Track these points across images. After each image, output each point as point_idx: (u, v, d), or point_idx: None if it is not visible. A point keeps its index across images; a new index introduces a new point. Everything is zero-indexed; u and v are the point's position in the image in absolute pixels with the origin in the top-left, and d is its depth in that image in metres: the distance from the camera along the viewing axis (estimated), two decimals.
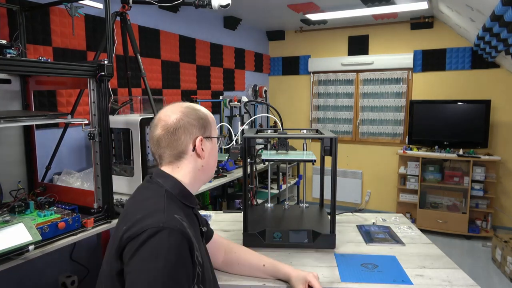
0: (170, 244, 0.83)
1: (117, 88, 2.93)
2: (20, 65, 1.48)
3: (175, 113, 1.03)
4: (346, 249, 1.53)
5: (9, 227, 1.40)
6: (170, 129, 1.01)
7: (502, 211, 4.35)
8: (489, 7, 2.54)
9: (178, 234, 0.85)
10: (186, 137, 1.02)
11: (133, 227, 0.85)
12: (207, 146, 1.07)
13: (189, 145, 1.03)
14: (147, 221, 0.86)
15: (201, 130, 1.05)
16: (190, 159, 1.05)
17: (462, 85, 4.47)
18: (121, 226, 0.91)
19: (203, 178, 1.11)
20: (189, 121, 1.03)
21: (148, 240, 0.82)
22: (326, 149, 1.46)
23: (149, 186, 1.03)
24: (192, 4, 2.23)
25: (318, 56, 5.27)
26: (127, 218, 0.91)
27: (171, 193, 0.99)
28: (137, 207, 0.95)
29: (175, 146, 1.02)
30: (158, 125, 1.03)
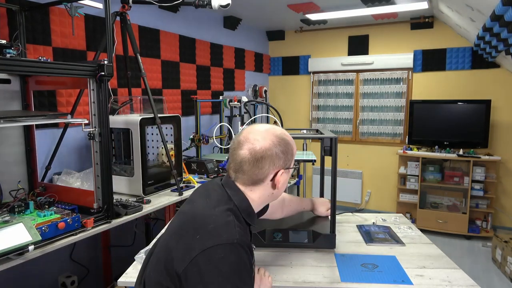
0: (244, 260, 0.89)
1: (117, 88, 2.92)
2: (20, 65, 1.48)
3: (266, 139, 1.02)
4: (346, 249, 1.53)
5: (9, 227, 1.40)
6: (257, 156, 1.01)
7: (502, 211, 4.35)
8: (489, 7, 2.54)
9: (247, 249, 0.92)
10: (270, 167, 1.03)
11: (209, 237, 0.89)
12: (284, 176, 1.08)
13: (270, 175, 1.04)
14: (222, 235, 0.89)
15: (285, 162, 1.06)
16: (265, 187, 1.06)
17: (462, 85, 4.47)
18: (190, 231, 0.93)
19: (269, 201, 1.15)
20: (277, 153, 1.03)
21: (227, 254, 0.87)
22: (326, 149, 1.46)
23: (218, 194, 1.04)
24: (192, 4, 2.23)
25: (318, 56, 5.27)
26: (198, 225, 0.93)
27: (238, 208, 1.01)
28: (207, 216, 0.95)
29: (256, 173, 1.02)
30: (245, 146, 1.02)
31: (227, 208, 0.98)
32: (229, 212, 0.97)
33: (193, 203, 1.06)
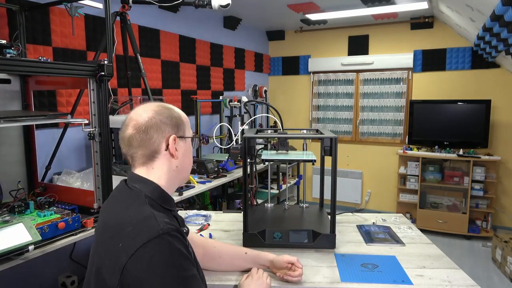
0: (176, 247, 0.83)
1: (117, 88, 2.93)
2: (20, 65, 1.48)
3: (146, 111, 0.99)
4: (346, 249, 1.53)
5: (9, 227, 1.40)
6: (142, 128, 0.97)
7: (502, 211, 4.35)
8: (489, 7, 2.54)
9: (177, 234, 0.85)
10: (159, 135, 0.98)
11: (131, 241, 0.82)
12: (180, 145, 1.03)
13: (162, 144, 0.99)
14: (143, 233, 0.82)
15: (174, 129, 1.01)
16: (164, 159, 1.00)
17: (462, 85, 4.47)
18: (110, 242, 0.86)
19: (179, 179, 1.07)
20: (161, 119, 0.99)
21: (156, 250, 0.81)
22: (326, 149, 1.46)
23: (126, 193, 0.98)
24: (192, 4, 2.23)
25: (318, 56, 5.27)
26: (116, 233, 0.86)
27: (151, 198, 0.95)
28: (121, 219, 0.89)
29: (147, 145, 0.97)
30: (129, 124, 0.98)
31: (139, 203, 0.92)
32: (144, 206, 0.91)
33: (104, 215, 1.00)
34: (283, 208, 1.89)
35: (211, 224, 1.82)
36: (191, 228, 1.74)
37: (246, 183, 1.55)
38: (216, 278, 1.29)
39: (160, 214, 0.89)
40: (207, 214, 1.97)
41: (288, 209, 1.87)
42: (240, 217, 1.84)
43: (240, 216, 1.90)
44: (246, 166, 1.56)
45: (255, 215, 1.77)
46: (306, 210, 1.86)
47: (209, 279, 1.29)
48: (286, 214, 1.81)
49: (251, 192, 1.96)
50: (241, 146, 1.53)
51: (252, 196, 1.98)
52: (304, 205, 1.90)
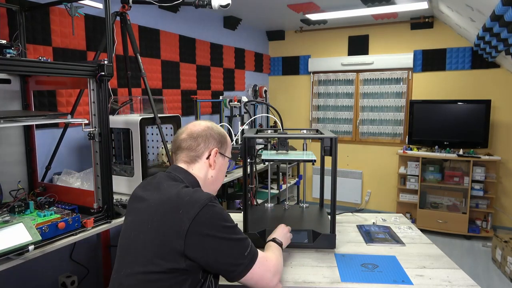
0: (222, 208, 1.05)
1: (117, 88, 2.93)
2: (20, 65, 1.48)
3: (201, 125, 1.21)
4: (346, 249, 1.53)
5: (9, 227, 1.40)
6: (193, 135, 1.18)
7: (502, 211, 4.35)
8: (489, 7, 2.54)
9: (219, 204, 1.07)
10: (205, 145, 1.19)
11: (191, 207, 0.99)
12: (219, 160, 1.23)
13: (205, 153, 1.19)
14: (200, 199, 1.01)
15: (219, 144, 1.22)
16: (203, 165, 1.19)
17: (462, 85, 4.47)
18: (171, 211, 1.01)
19: (211, 189, 1.22)
20: (211, 133, 1.20)
21: (212, 211, 1.00)
22: (326, 149, 1.47)
23: (170, 181, 1.12)
24: (192, 4, 2.23)
25: (318, 56, 5.27)
26: (175, 203, 1.02)
27: (190, 188, 1.11)
28: (178, 193, 1.05)
29: (193, 149, 1.18)
30: (185, 132, 1.20)
31: (184, 185, 1.10)
32: (188, 187, 1.10)
33: (151, 195, 1.11)
34: (283, 208, 1.89)
35: None
36: None
37: (246, 183, 1.55)
38: None
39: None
40: None
41: (288, 209, 1.87)
42: (240, 217, 1.84)
43: (240, 216, 1.90)
44: (246, 166, 1.56)
45: (255, 215, 1.77)
46: (306, 210, 1.86)
47: None
48: (286, 214, 1.81)
49: (251, 192, 1.96)
50: (241, 146, 1.53)
51: (252, 196, 1.98)
52: (304, 205, 1.90)
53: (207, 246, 0.99)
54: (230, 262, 1.02)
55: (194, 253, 0.98)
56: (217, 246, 1.00)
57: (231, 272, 1.03)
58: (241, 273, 1.04)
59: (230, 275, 1.04)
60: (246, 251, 1.05)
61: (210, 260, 1.00)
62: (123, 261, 1.08)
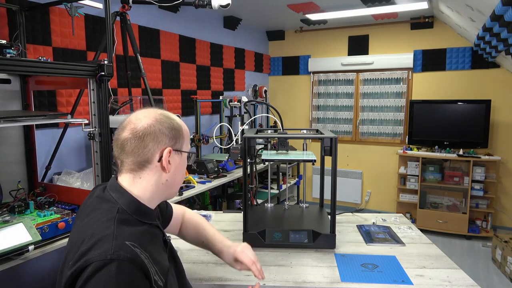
0: (119, 279, 0.74)
1: (117, 88, 2.92)
2: (20, 65, 1.48)
3: (147, 118, 0.94)
4: (346, 249, 1.53)
5: (9, 227, 1.40)
6: (139, 134, 0.92)
7: (502, 211, 4.35)
8: (489, 7, 2.54)
9: (129, 264, 0.77)
10: (154, 145, 0.93)
11: (78, 260, 0.77)
12: (175, 159, 0.97)
13: (156, 154, 0.93)
14: (93, 252, 0.77)
15: (172, 141, 0.96)
16: (154, 171, 0.94)
17: (462, 85, 4.47)
18: (68, 257, 0.83)
19: (166, 194, 1.00)
20: (160, 129, 0.94)
21: (94, 276, 0.74)
22: (326, 149, 1.47)
23: (99, 204, 0.92)
24: (192, 4, 2.23)
25: (318, 56, 5.27)
26: (73, 249, 0.82)
27: (126, 211, 0.89)
28: (83, 233, 0.84)
29: (140, 153, 0.92)
30: (127, 127, 0.93)
31: (109, 218, 0.86)
32: (111, 221, 0.85)
33: (73, 228, 0.96)
34: (283, 208, 1.89)
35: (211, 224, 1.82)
36: None
37: (246, 183, 1.55)
38: (216, 278, 1.29)
39: (126, 234, 0.83)
40: (207, 214, 1.97)
41: (288, 209, 1.87)
42: (240, 217, 1.84)
43: (240, 216, 1.90)
44: (246, 166, 1.56)
45: (255, 215, 1.77)
46: (306, 210, 1.86)
47: (208, 278, 1.29)
48: (286, 214, 1.81)
49: (251, 192, 1.96)
50: (241, 146, 1.53)
51: (252, 196, 1.98)
52: (304, 205, 1.90)
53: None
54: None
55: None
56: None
57: None
58: None
59: None
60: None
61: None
62: None
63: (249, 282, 1.27)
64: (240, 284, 1.26)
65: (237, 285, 1.26)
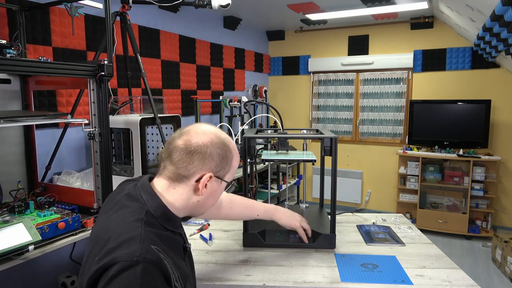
0: (143, 281, 0.74)
1: (117, 88, 2.92)
2: (20, 65, 1.48)
3: (205, 135, 0.94)
4: (346, 249, 1.53)
5: (9, 227, 1.40)
6: (190, 148, 0.92)
7: (502, 211, 4.35)
8: (489, 7, 2.54)
9: (154, 268, 0.78)
10: (199, 165, 0.93)
11: (105, 257, 0.77)
12: (213, 185, 0.97)
13: (197, 175, 0.93)
14: (120, 251, 0.77)
15: (217, 168, 0.95)
16: (189, 188, 0.94)
17: (462, 85, 4.47)
18: (93, 251, 0.83)
19: (193, 212, 1.00)
20: (211, 152, 0.93)
21: (119, 275, 0.74)
22: (326, 149, 1.46)
23: (128, 202, 0.92)
24: (192, 4, 2.23)
25: (318, 56, 5.27)
26: (100, 244, 0.83)
27: (152, 214, 0.89)
28: (110, 230, 0.85)
29: (183, 167, 0.92)
30: (183, 136, 0.94)
31: (137, 219, 0.86)
32: (139, 223, 0.85)
33: (99, 222, 0.95)
34: None
35: (211, 224, 1.82)
36: (192, 228, 1.74)
37: (246, 183, 1.55)
38: (216, 278, 1.29)
39: (152, 238, 0.84)
40: None
41: None
42: None
43: None
44: (246, 166, 1.56)
45: None
46: (306, 210, 1.86)
47: (208, 278, 1.29)
48: None
49: (251, 192, 1.96)
50: (241, 146, 1.53)
51: (252, 196, 1.98)
52: (304, 205, 1.90)
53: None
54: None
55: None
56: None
57: None
58: None
59: None
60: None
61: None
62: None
63: (249, 282, 1.27)
64: (240, 284, 1.26)
65: (237, 285, 1.26)
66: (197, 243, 1.59)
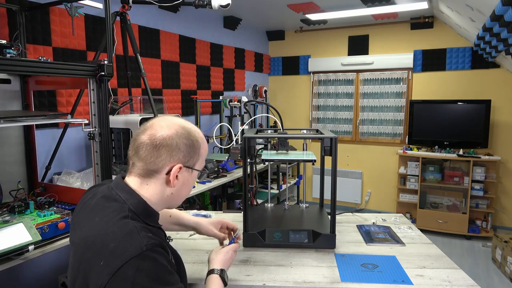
0: (159, 263, 0.82)
1: (117, 88, 2.93)
2: (20, 65, 1.48)
3: (169, 128, 0.95)
4: (346, 249, 1.53)
5: (9, 227, 1.40)
6: (156, 142, 0.92)
7: (502, 211, 4.35)
8: (489, 7, 2.54)
9: (160, 249, 0.84)
10: (167, 158, 0.93)
11: (113, 259, 0.79)
12: (184, 175, 0.98)
13: (166, 167, 0.94)
14: (126, 248, 0.80)
15: (186, 158, 0.96)
16: (160, 181, 0.95)
17: (462, 85, 4.47)
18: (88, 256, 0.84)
19: (169, 204, 1.02)
20: (178, 143, 0.94)
21: (139, 269, 0.79)
22: (326, 149, 1.46)
23: (107, 203, 0.93)
24: (192, 4, 2.23)
25: (318, 56, 5.27)
26: (94, 248, 0.84)
27: (134, 211, 0.91)
28: (101, 232, 0.86)
29: (151, 161, 0.93)
30: (147, 131, 0.95)
31: (122, 216, 0.88)
32: (126, 219, 0.87)
33: (81, 229, 0.93)
34: (283, 208, 1.89)
35: None
36: None
37: (246, 183, 1.55)
38: None
39: (143, 228, 0.87)
40: (207, 214, 1.97)
41: (288, 209, 1.87)
42: (240, 217, 1.84)
43: (240, 216, 1.90)
44: (246, 166, 1.56)
45: (255, 215, 1.77)
46: (306, 210, 1.86)
47: None
48: (286, 214, 1.81)
49: (251, 192, 1.96)
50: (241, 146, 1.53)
51: (252, 196, 1.98)
52: (304, 205, 1.90)
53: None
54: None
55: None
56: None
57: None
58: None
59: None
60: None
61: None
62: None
63: (249, 282, 1.27)
64: (240, 284, 1.26)
65: (237, 285, 1.26)
66: (197, 243, 1.59)
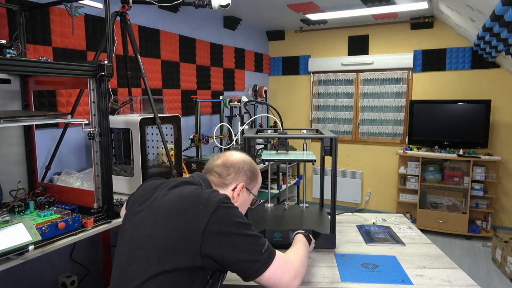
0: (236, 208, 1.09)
1: (117, 88, 2.92)
2: (20, 65, 1.48)
3: (239, 156, 1.26)
4: (346, 249, 1.53)
5: (9, 227, 1.39)
6: (227, 164, 1.24)
7: (502, 211, 4.35)
8: (489, 7, 2.54)
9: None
10: (235, 176, 1.23)
11: (210, 203, 1.03)
12: (244, 195, 1.25)
13: (233, 184, 1.23)
14: (218, 197, 1.06)
15: (248, 180, 1.25)
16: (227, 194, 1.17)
17: (462, 85, 4.47)
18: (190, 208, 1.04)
19: None
20: (244, 167, 1.25)
21: (228, 205, 1.05)
22: (326, 149, 1.47)
23: (184, 184, 1.16)
24: (192, 4, 2.22)
25: (318, 56, 5.27)
26: (195, 200, 1.05)
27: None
28: (198, 192, 1.09)
29: (223, 176, 1.23)
30: (221, 159, 1.26)
31: (202, 189, 1.13)
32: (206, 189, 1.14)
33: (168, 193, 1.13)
34: (283, 208, 1.89)
35: None
36: None
37: None
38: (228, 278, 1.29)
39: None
40: None
41: (288, 209, 1.87)
42: None
43: None
44: None
45: (255, 215, 1.77)
46: (306, 210, 1.86)
47: None
48: (286, 214, 1.81)
49: None
50: (241, 146, 1.54)
51: None
52: (304, 205, 1.90)
53: (224, 242, 1.00)
54: (246, 258, 1.02)
55: (211, 249, 0.99)
56: (233, 241, 1.01)
57: (248, 270, 1.03)
58: (258, 270, 1.03)
59: (247, 272, 1.03)
60: (263, 248, 1.05)
61: (226, 256, 1.00)
62: (135, 256, 1.05)
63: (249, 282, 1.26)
64: (240, 284, 1.26)
65: (237, 285, 1.26)
66: None
